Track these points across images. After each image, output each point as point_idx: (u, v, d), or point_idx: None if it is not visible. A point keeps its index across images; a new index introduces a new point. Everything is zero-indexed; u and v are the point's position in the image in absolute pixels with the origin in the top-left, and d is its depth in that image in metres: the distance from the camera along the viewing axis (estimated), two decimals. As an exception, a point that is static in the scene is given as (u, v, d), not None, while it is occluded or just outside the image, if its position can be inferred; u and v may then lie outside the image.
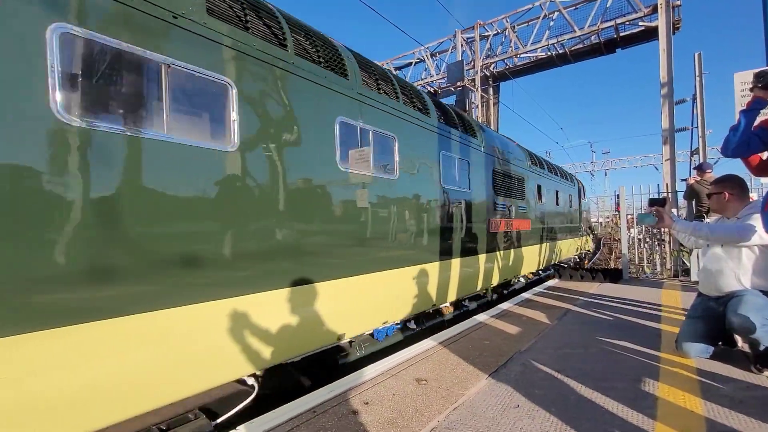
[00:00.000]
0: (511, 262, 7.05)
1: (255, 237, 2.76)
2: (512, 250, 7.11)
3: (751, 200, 3.05)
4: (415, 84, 4.93)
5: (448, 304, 5.39)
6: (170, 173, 2.30)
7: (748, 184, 3.15)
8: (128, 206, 2.13)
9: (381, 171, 3.97)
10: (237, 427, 2.21)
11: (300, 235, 3.08)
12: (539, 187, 8.68)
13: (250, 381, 2.94)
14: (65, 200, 1.90)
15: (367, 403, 2.48)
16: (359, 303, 3.68)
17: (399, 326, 4.50)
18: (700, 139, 10.22)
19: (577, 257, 12.62)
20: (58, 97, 1.88)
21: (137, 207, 2.16)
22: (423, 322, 4.87)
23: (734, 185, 3.03)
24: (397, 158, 4.20)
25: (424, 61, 16.72)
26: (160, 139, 2.26)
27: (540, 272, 9.13)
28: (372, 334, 4.08)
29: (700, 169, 7.07)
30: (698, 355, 3.04)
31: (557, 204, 10.18)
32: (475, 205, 5.82)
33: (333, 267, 3.39)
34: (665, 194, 9.29)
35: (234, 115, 2.62)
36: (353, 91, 3.73)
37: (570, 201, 11.53)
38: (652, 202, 3.38)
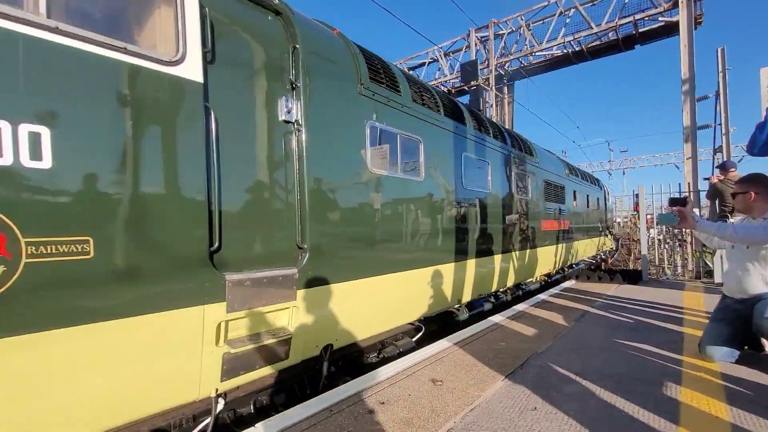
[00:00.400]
0: (558, 254, 8.63)
1: (430, 231, 4.39)
2: (558, 245, 8.58)
3: None
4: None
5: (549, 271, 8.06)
6: (403, 194, 3.96)
7: None
8: (393, 212, 3.83)
9: (480, 187, 5.50)
10: (255, 425, 2.25)
11: (449, 228, 4.72)
12: (574, 192, 10.08)
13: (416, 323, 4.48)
14: (376, 210, 3.58)
15: (383, 403, 2.49)
16: (482, 274, 5.39)
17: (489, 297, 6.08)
18: (724, 137, 9.90)
19: (602, 254, 13.82)
20: (368, 159, 3.50)
21: (396, 212, 3.86)
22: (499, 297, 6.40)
23: (760, 184, 2.94)
24: (489, 177, 5.74)
25: (437, 60, 16.67)
26: (398, 176, 3.89)
27: (573, 265, 10.25)
28: (470, 303, 5.46)
29: (724, 167, 6.86)
30: (723, 359, 2.95)
31: (587, 206, 11.52)
32: (534, 209, 7.33)
33: (470, 249, 5.12)
34: (686, 194, 9.04)
35: (422, 159, 4.23)
36: (468, 133, 5.30)
37: (597, 203, 12.98)
38: (673, 202, 3.28)
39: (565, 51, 13.68)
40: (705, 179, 8.96)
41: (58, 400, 1.78)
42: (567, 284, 7.41)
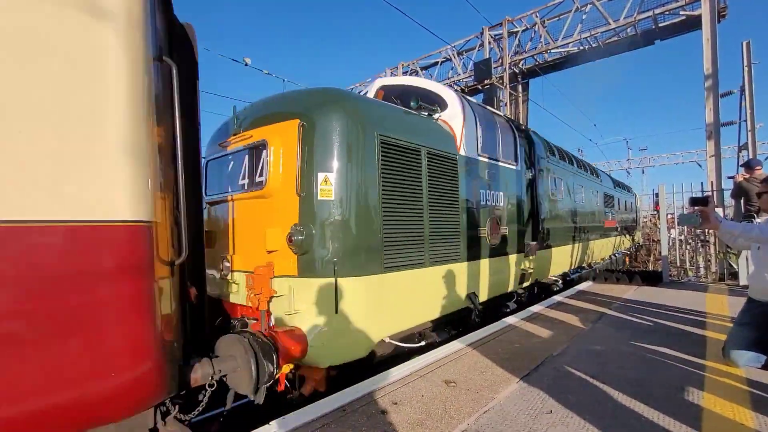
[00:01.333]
0: (612, 243, 12.54)
1: (570, 225, 8.05)
2: (611, 238, 12.41)
3: None
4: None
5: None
6: (561, 207, 7.59)
7: None
8: (559, 215, 7.43)
9: (579, 201, 8.84)
10: (270, 422, 2.28)
11: (573, 225, 8.25)
12: (618, 200, 13.79)
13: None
14: (555, 214, 7.26)
15: (395, 404, 2.49)
16: (583, 254, 9.07)
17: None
18: (749, 134, 9.57)
19: (633, 246, 17.80)
20: (551, 191, 7.06)
21: (559, 215, 7.45)
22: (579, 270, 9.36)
23: None
24: (584, 196, 9.24)
25: (450, 60, 16.56)
26: (557, 198, 7.34)
27: (618, 252, 13.96)
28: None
29: (749, 165, 6.63)
30: (748, 364, 2.85)
31: (626, 210, 15.39)
32: (600, 213, 10.78)
33: (582, 237, 8.80)
34: (708, 193, 8.76)
35: (562, 188, 7.68)
36: (574, 170, 8.74)
37: (631, 207, 17.32)
38: (694, 202, 3.17)
39: (582, 47, 13.41)
40: (729, 178, 8.67)
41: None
42: (583, 286, 7.27)
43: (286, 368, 3.07)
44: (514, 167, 5.69)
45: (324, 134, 3.27)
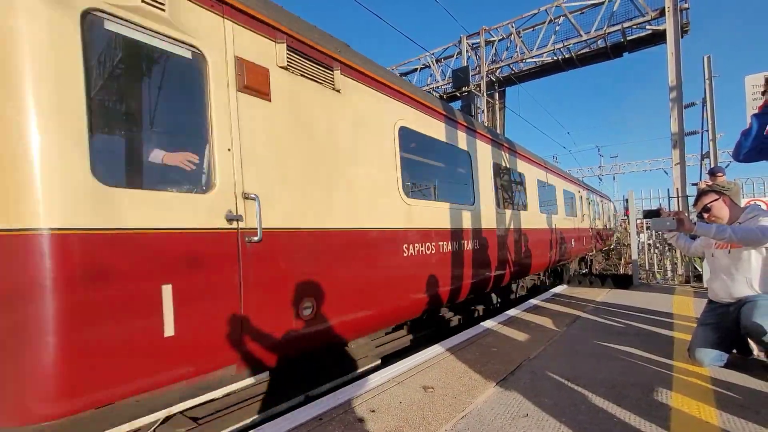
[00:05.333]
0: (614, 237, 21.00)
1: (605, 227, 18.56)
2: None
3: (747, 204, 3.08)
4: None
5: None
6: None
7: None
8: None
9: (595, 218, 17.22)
10: (243, 435, 2.20)
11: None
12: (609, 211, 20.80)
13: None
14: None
15: (373, 411, 2.45)
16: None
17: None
18: (711, 143, 10.08)
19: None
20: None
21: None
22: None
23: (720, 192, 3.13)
24: (602, 211, 18.41)
25: (429, 66, 16.77)
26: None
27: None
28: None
29: (712, 173, 6.98)
30: (712, 363, 2.97)
31: (610, 215, 22.03)
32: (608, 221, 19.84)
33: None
34: (659, 205, 9.17)
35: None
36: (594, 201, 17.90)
37: (610, 212, 22.98)
38: (648, 214, 3.36)
39: (555, 58, 13.85)
40: (693, 184, 9.09)
41: None
42: (558, 289, 7.44)
43: None
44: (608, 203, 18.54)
45: None
